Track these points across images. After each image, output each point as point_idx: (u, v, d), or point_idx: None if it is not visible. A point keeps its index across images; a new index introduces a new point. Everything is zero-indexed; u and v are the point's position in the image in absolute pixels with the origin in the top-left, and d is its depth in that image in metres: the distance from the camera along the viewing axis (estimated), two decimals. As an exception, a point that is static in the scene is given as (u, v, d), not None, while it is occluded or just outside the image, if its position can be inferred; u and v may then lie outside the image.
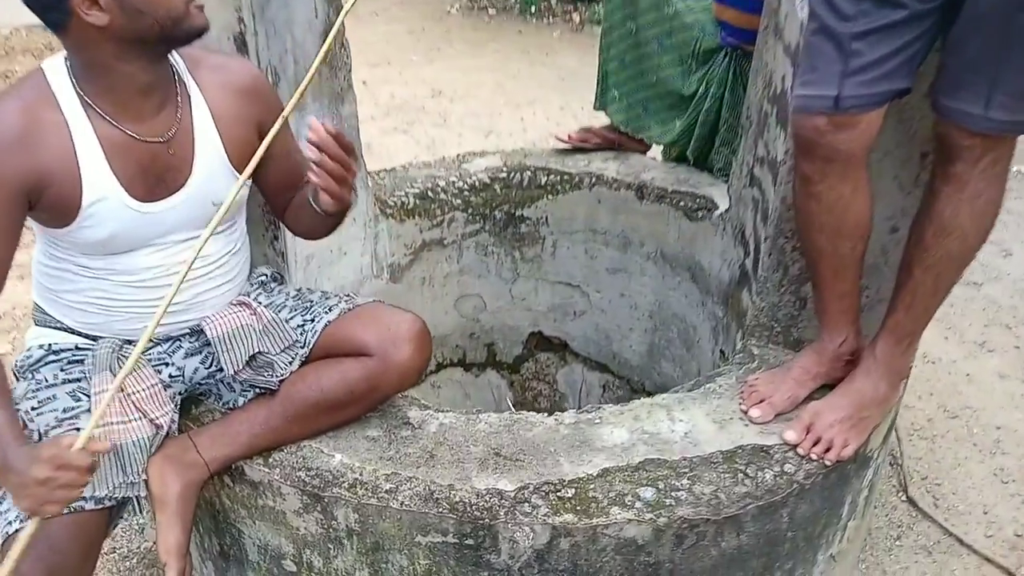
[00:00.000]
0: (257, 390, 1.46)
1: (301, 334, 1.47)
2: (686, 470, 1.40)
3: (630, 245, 2.48)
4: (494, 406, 2.84)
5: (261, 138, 1.44)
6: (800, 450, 1.44)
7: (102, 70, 1.28)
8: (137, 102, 1.33)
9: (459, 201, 2.47)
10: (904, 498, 2.14)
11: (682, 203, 2.34)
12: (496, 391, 2.82)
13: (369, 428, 1.49)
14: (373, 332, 1.44)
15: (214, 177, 1.42)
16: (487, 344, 2.73)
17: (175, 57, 1.39)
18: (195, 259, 1.24)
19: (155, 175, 1.37)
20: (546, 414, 1.54)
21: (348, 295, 1.57)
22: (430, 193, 2.45)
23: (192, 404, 1.55)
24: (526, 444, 1.45)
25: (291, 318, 1.50)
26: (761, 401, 1.49)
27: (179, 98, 1.40)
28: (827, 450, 1.44)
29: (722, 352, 2.29)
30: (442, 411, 1.54)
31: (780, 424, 1.49)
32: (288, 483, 1.40)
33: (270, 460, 1.43)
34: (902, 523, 2.06)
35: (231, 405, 1.49)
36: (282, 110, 1.29)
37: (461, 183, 2.49)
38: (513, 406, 2.84)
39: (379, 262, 2.39)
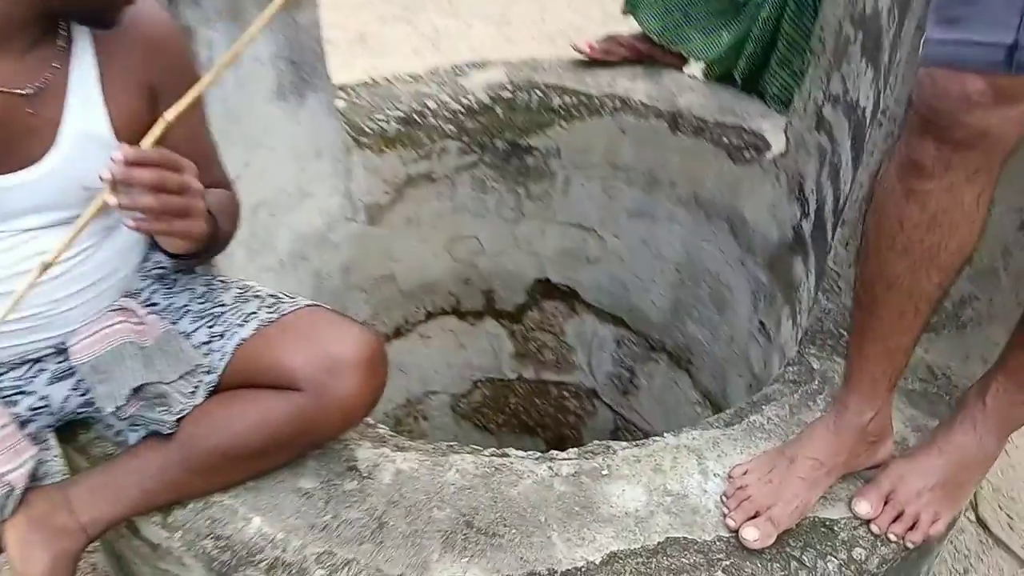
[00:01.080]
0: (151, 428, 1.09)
1: (207, 354, 1.09)
2: (722, 557, 1.04)
3: (657, 185, 2.05)
4: (492, 358, 2.49)
5: (155, 109, 1.07)
6: (876, 527, 1.07)
7: None
8: None
9: (452, 127, 2.03)
10: (973, 518, 1.79)
11: (725, 139, 1.89)
12: (495, 342, 2.46)
13: (302, 475, 1.13)
14: (305, 356, 1.06)
15: (87, 152, 1.02)
16: (485, 291, 2.35)
17: None
18: (52, 262, 0.86)
19: (4, 138, 0.97)
20: (537, 458, 1.17)
21: (276, 295, 1.18)
22: (416, 117, 2.01)
23: (80, 427, 1.19)
24: (508, 508, 1.08)
25: (194, 330, 1.12)
26: (756, 514, 1.06)
27: (60, 43, 1.00)
28: (911, 527, 1.07)
29: (761, 324, 1.90)
30: (401, 449, 1.17)
31: (846, 485, 1.12)
32: (191, 553, 1.06)
33: (169, 520, 1.08)
34: (970, 551, 1.71)
35: (124, 438, 1.13)
36: (193, 76, 0.92)
37: (455, 104, 2.04)
38: (514, 357, 2.49)
39: (353, 202, 1.98)
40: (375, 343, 1.09)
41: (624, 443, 1.19)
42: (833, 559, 1.04)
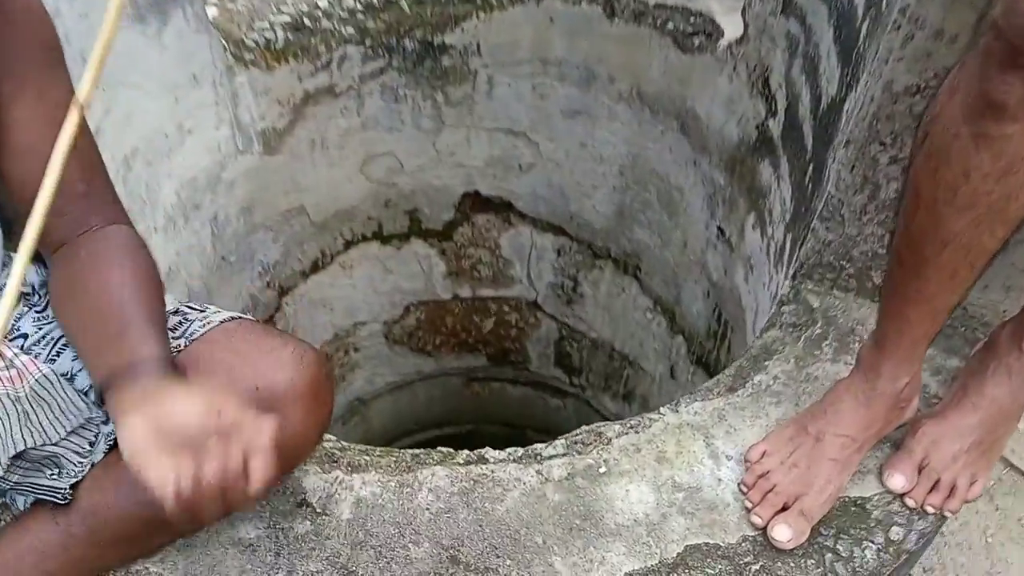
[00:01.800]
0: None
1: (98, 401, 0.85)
2: (750, 560, 0.90)
3: (595, 81, 1.81)
4: (423, 280, 2.27)
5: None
6: (911, 501, 0.95)
7: None
8: None
9: (351, 29, 1.72)
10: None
11: (670, 24, 1.65)
12: (424, 262, 2.24)
13: (241, 521, 0.92)
14: (231, 396, 0.83)
15: None
16: (408, 211, 2.10)
17: None
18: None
19: None
20: (519, 459, 0.99)
21: (181, 310, 0.93)
22: (307, 21, 1.69)
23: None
24: (498, 532, 0.91)
25: (79, 370, 0.87)
26: (783, 507, 0.92)
27: None
28: (949, 495, 0.95)
29: (720, 231, 1.74)
30: (357, 469, 0.97)
31: (872, 452, 0.99)
32: (116, 640, 0.86)
33: (81, 602, 0.87)
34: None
35: (12, 503, 0.90)
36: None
37: (351, 1, 1.72)
38: (447, 277, 2.28)
39: (244, 131, 1.68)
40: (316, 364, 0.87)
41: (616, 425, 1.03)
42: (870, 544, 0.92)
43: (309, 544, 0.90)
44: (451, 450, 1.02)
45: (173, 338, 0.87)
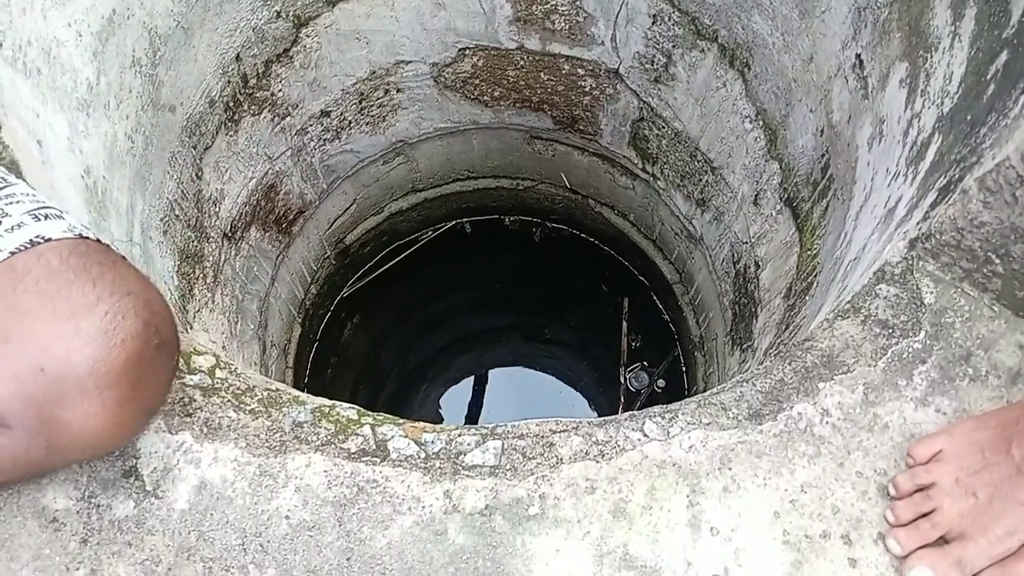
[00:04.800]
0: None
1: None
2: None
3: None
4: (483, 22, 1.84)
5: None
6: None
7: None
8: None
9: None
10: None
11: None
12: (486, 2, 1.79)
13: (52, 483, 0.71)
14: (5, 374, 0.57)
15: None
16: (468, -65, 1.62)
17: None
18: None
19: None
20: (426, 468, 0.72)
21: None
22: None
23: None
24: (368, 572, 0.68)
25: None
26: (940, 540, 0.64)
27: None
28: None
29: (859, 60, 1.26)
30: (215, 435, 0.72)
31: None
32: None
33: None
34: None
35: None
36: None
37: None
38: (513, 23, 1.84)
39: None
40: (138, 337, 0.59)
41: (577, 438, 0.73)
42: None
43: (126, 536, 0.69)
44: (354, 415, 0.75)
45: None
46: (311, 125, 1.86)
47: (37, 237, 0.62)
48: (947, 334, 0.75)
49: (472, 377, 2.93)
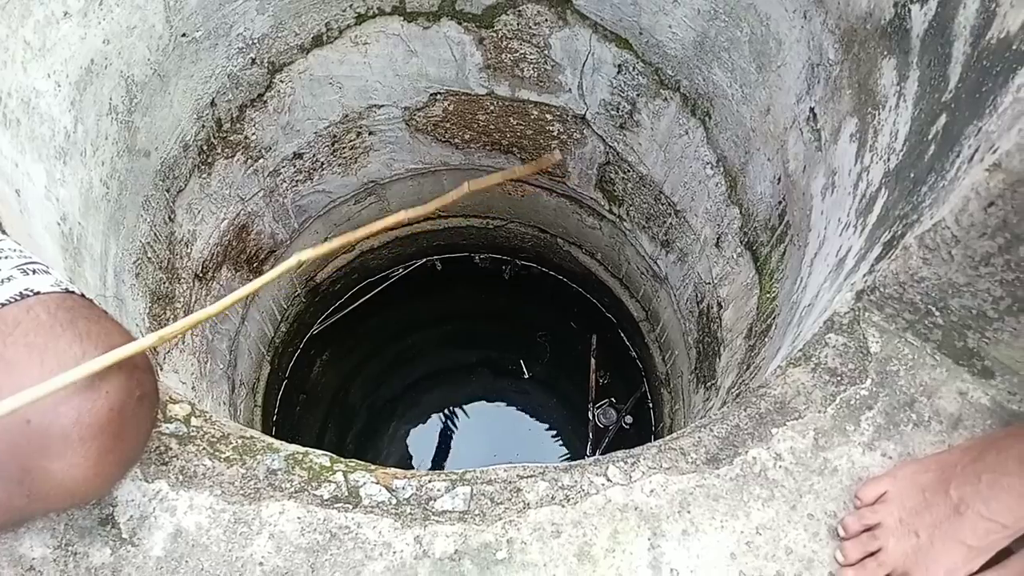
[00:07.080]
0: None
1: None
2: None
3: None
4: (454, 69, 1.89)
5: None
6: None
7: None
8: None
9: None
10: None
11: None
12: (457, 49, 1.84)
13: (31, 533, 0.72)
14: None
15: None
16: (439, -13, 1.67)
17: None
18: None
19: None
20: (396, 514, 0.75)
21: None
22: None
23: None
24: (340, 618, 0.70)
25: None
26: None
27: None
28: None
29: (812, 114, 1.32)
30: (190, 484, 0.74)
31: None
32: None
33: None
34: None
35: None
36: None
37: None
38: (483, 70, 1.89)
39: None
40: (120, 390, 0.61)
41: (543, 484, 0.76)
42: None
43: (102, 583, 0.70)
44: (327, 462, 0.78)
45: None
46: (284, 167, 1.89)
47: (26, 290, 0.64)
48: (892, 382, 0.79)
49: (442, 413, 2.94)
